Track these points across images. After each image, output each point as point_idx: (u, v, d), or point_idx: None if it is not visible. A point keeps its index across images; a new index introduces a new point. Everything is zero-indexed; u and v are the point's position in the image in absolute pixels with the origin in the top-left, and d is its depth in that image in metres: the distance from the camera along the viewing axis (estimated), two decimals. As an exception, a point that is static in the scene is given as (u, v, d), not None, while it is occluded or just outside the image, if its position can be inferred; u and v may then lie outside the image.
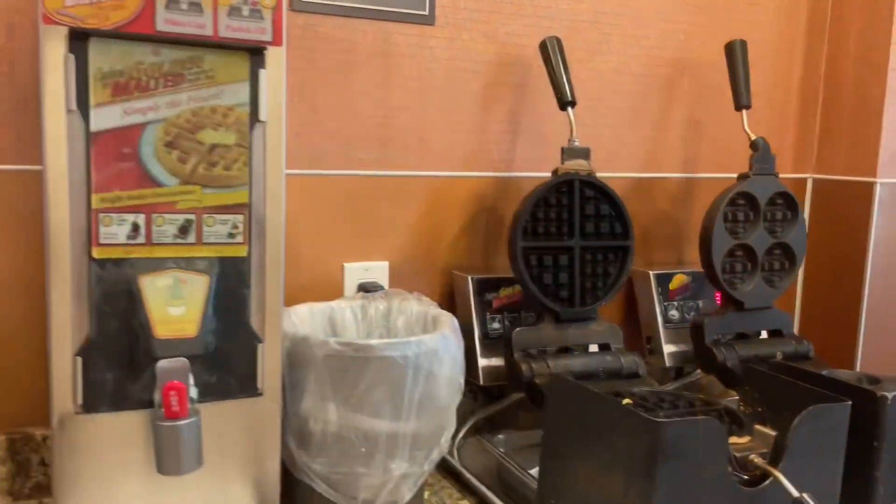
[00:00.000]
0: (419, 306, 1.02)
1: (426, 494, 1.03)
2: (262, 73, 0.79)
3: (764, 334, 1.29)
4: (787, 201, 1.26)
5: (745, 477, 0.79)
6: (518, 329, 1.07)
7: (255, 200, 0.80)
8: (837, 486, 0.85)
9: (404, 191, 1.16)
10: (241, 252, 0.80)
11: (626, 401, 0.97)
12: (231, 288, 0.80)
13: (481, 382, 1.12)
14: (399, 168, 1.15)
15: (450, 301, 1.20)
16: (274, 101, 0.80)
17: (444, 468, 1.10)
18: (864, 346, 1.43)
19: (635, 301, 1.34)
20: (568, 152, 1.10)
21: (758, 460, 0.79)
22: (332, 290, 1.12)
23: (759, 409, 0.99)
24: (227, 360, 0.80)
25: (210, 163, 0.78)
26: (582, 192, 1.10)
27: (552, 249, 1.08)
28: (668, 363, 1.28)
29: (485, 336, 1.13)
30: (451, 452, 1.10)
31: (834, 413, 0.84)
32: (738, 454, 0.79)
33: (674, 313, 1.30)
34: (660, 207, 1.38)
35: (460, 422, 1.14)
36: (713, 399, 0.99)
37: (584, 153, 1.11)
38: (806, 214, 1.51)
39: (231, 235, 0.79)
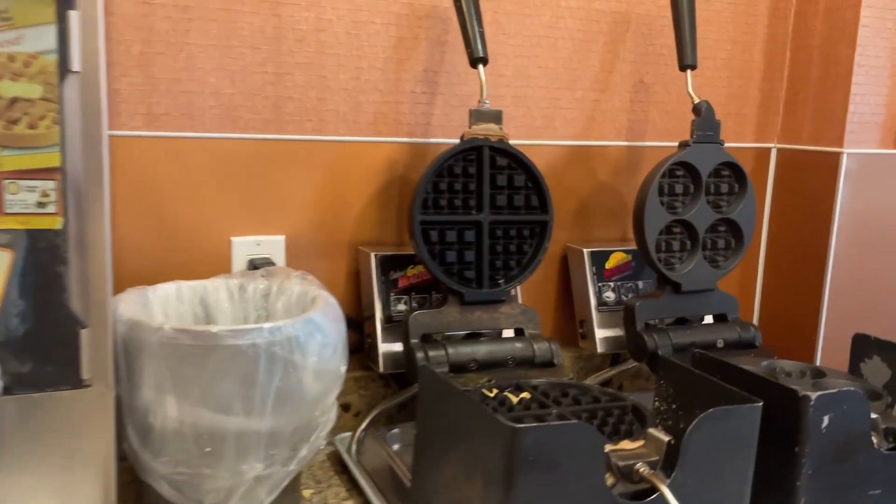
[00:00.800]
0: (301, 286, 0.91)
1: (308, 493, 0.93)
2: (73, 15, 0.67)
3: (709, 319, 1.18)
4: (735, 173, 1.14)
5: (630, 489, 0.69)
6: (417, 312, 0.97)
7: (70, 165, 0.70)
8: (745, 499, 0.75)
9: (302, 157, 1.05)
10: (55, 224, 0.70)
11: (523, 395, 0.87)
12: (43, 265, 0.70)
13: (381, 370, 1.01)
14: (295, 132, 1.04)
15: (357, 280, 1.10)
16: (88, 47, 0.68)
17: (341, 465, 1.00)
18: (826, 329, 1.31)
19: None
20: (476, 115, 0.98)
21: (644, 470, 0.69)
22: (219, 268, 1.02)
23: (674, 406, 0.88)
24: (41, 346, 0.71)
25: (10, 120, 0.67)
26: (492, 160, 0.99)
27: (456, 224, 0.97)
28: (599, 349, 1.17)
29: (388, 319, 1.03)
30: (350, 448, 1.00)
31: (741, 416, 0.73)
32: (622, 462, 0.69)
33: (609, 295, 1.19)
34: (601, 179, 1.26)
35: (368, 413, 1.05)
36: (621, 394, 0.88)
37: (495, 116, 0.99)
38: (769, 187, 1.39)
39: (41, 205, 0.69)
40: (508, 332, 1.03)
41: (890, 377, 0.99)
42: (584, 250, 1.19)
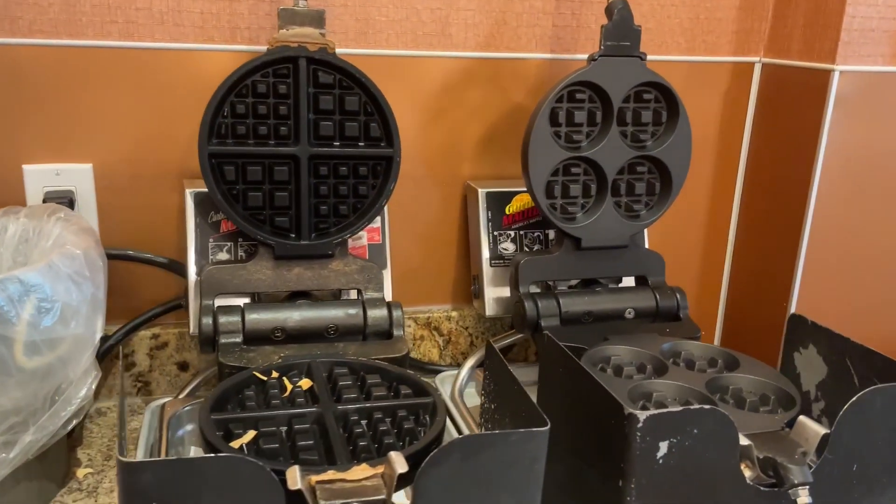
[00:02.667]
0: (62, 228, 0.75)
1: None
2: None
3: (630, 281, 0.95)
4: (663, 96, 0.88)
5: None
6: (213, 268, 0.79)
7: None
8: (523, 551, 0.55)
9: (106, 69, 0.86)
10: None
11: (301, 383, 0.69)
12: None
13: (191, 331, 0.85)
14: (95, 36, 0.85)
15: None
16: None
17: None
18: (801, 288, 1.05)
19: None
20: (287, 16, 0.76)
21: (354, 517, 0.50)
22: (10, 201, 0.86)
23: (493, 407, 0.68)
24: None
25: None
26: (314, 76, 0.77)
27: (263, 158, 0.77)
28: (489, 311, 0.96)
29: (201, 272, 0.86)
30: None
31: (508, 444, 0.52)
32: (327, 502, 0.50)
33: (508, 246, 0.97)
34: (515, 101, 1.01)
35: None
36: (428, 387, 0.68)
37: (316, 18, 0.77)
38: (750, 113, 1.10)
39: None
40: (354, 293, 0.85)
41: (826, 375, 0.75)
42: (480, 190, 0.97)
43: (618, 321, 0.89)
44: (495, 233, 0.96)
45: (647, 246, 1.00)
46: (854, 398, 0.61)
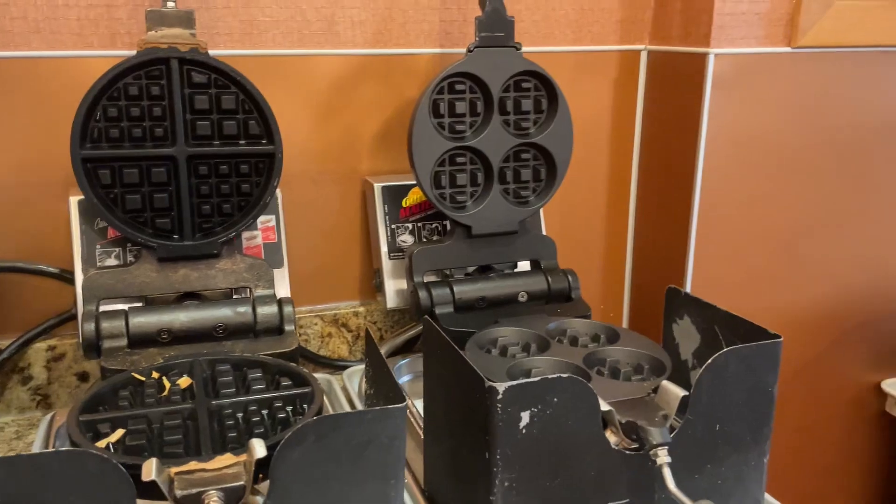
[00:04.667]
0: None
1: None
2: None
3: (526, 266, 0.98)
4: (542, 85, 0.90)
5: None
6: (94, 273, 0.79)
7: None
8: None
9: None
10: None
11: (181, 382, 0.69)
12: None
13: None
14: (-32, 48, 0.84)
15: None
16: None
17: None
18: (695, 263, 1.08)
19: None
20: (156, 18, 0.77)
21: (212, 502, 0.51)
22: None
23: (372, 392, 0.69)
24: None
25: None
26: (187, 76, 0.78)
27: (139, 160, 0.78)
28: (390, 304, 0.98)
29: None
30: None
31: (353, 424, 0.53)
32: (183, 492, 0.51)
33: (406, 238, 0.99)
34: (409, 96, 1.03)
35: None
36: (309, 378, 0.69)
37: (185, 19, 0.77)
38: (640, 99, 1.14)
39: None
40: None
41: (699, 343, 0.78)
42: (376, 184, 0.98)
43: (512, 305, 0.91)
44: (393, 226, 0.98)
45: (544, 231, 1.02)
46: (709, 360, 0.64)
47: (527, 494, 0.60)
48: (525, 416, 0.59)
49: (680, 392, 0.64)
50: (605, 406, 0.62)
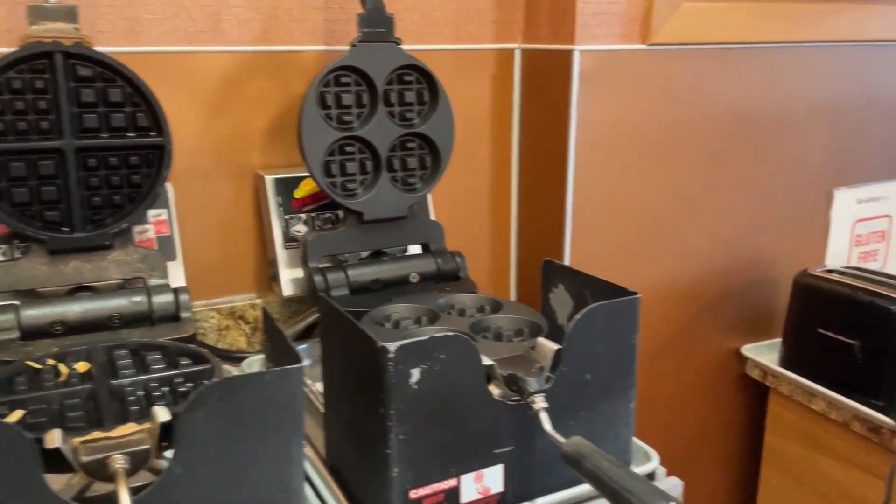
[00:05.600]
0: None
1: None
2: None
3: (417, 249, 1.03)
4: (424, 78, 0.97)
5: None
6: (-19, 266, 0.78)
7: None
8: (293, 482, 0.60)
9: None
10: None
11: (77, 366, 0.70)
12: None
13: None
14: None
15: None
16: None
17: None
18: (572, 246, 1.18)
19: (268, 214, 1.06)
20: (38, 12, 0.77)
21: (118, 465, 0.53)
22: None
23: (272, 366, 0.73)
24: None
25: None
26: (72, 70, 0.79)
27: (25, 153, 0.78)
28: (286, 292, 1.01)
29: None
30: None
31: (269, 381, 0.57)
32: (88, 458, 0.53)
33: (300, 228, 1.02)
34: (296, 91, 1.06)
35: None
36: (208, 357, 0.72)
37: (68, 13, 0.78)
38: (516, 95, 1.23)
39: None
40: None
41: (572, 308, 0.86)
42: (267, 177, 1.01)
43: (404, 286, 0.97)
44: (287, 217, 1.01)
45: (433, 216, 1.09)
46: (579, 315, 0.72)
47: (420, 446, 0.66)
48: (415, 373, 0.64)
49: (554, 346, 0.71)
50: (487, 361, 0.68)
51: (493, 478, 0.70)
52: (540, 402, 0.67)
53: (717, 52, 1.21)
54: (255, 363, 1.02)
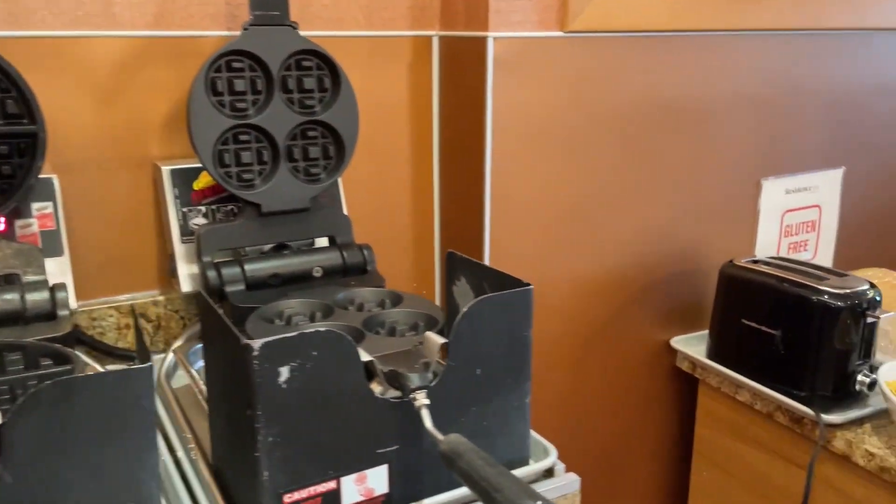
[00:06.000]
0: None
1: None
2: None
3: (324, 242, 1.00)
4: (325, 64, 0.93)
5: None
6: None
7: None
8: (147, 487, 0.57)
9: None
10: None
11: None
12: None
13: None
14: None
15: None
16: None
17: None
18: (491, 237, 1.15)
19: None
20: None
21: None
22: None
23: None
24: None
25: None
26: (-71, 53, 0.73)
27: None
28: (184, 288, 0.96)
29: None
30: None
31: (111, 383, 0.54)
32: None
33: (199, 221, 0.98)
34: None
35: None
36: (72, 355, 0.68)
37: (-77, -8, 0.73)
38: (435, 83, 1.20)
39: None
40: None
41: (473, 300, 0.83)
42: (164, 167, 0.97)
43: (307, 281, 0.93)
44: (185, 209, 0.97)
45: (345, 209, 1.05)
46: (465, 308, 0.69)
47: (293, 448, 0.62)
48: (284, 371, 0.61)
49: (440, 340, 0.69)
50: (365, 357, 0.65)
51: (376, 479, 0.67)
52: (421, 399, 0.64)
53: (638, 40, 1.20)
54: (154, 363, 0.98)
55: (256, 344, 0.59)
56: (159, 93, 1.00)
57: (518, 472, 0.74)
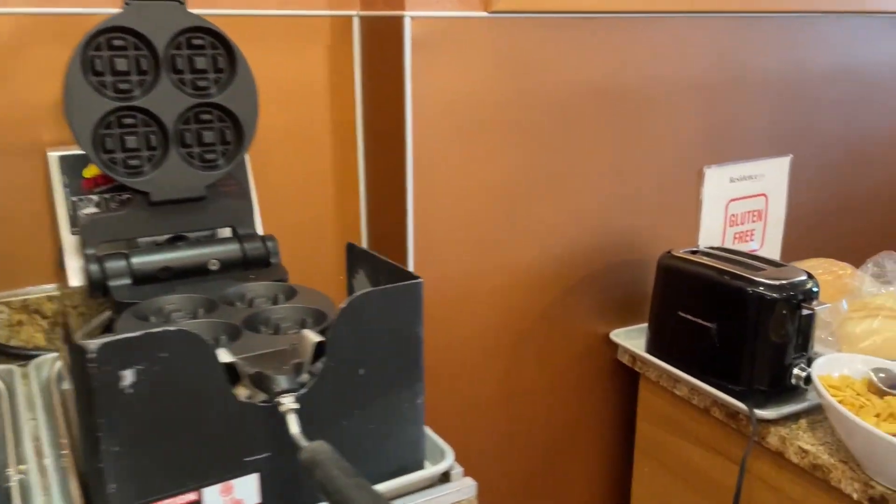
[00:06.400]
0: None
1: None
2: None
3: (228, 233, 0.94)
4: (220, 43, 0.87)
5: None
6: None
7: None
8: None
9: None
10: None
11: None
12: None
13: None
14: None
15: None
16: None
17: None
18: (415, 230, 1.10)
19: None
20: None
21: None
22: None
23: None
24: None
25: None
26: None
27: None
28: (73, 282, 0.90)
29: None
30: None
31: None
32: None
33: (91, 211, 0.91)
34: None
35: None
36: None
37: None
38: (357, 66, 1.14)
39: None
40: None
41: (372, 295, 0.78)
42: (51, 154, 0.90)
43: (204, 275, 0.87)
44: (74, 198, 0.90)
45: (254, 199, 0.99)
46: (343, 304, 0.63)
47: (143, 459, 0.57)
48: (129, 375, 0.55)
49: (315, 338, 0.63)
50: (226, 358, 0.60)
51: (245, 489, 0.62)
52: (287, 404, 0.59)
53: (568, 21, 1.15)
54: (45, 364, 0.92)
55: (93, 345, 0.53)
56: (48, 74, 0.93)
57: (411, 477, 0.69)
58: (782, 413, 1.06)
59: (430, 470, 0.70)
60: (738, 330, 1.10)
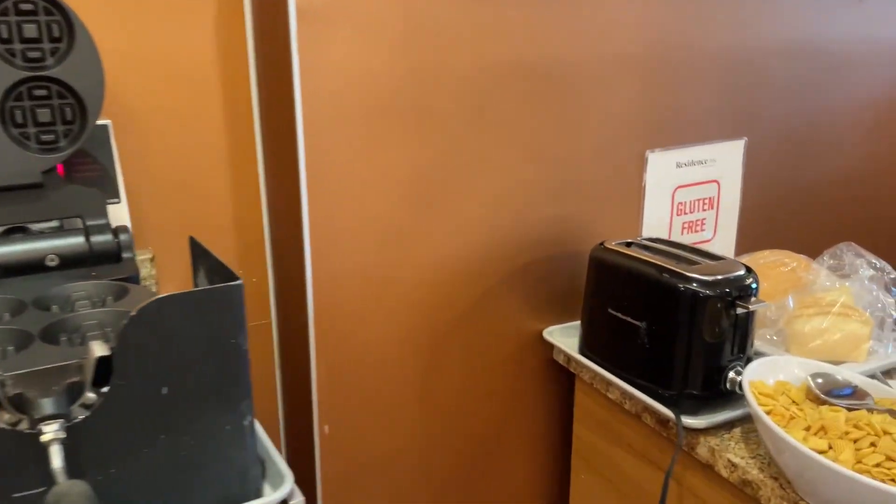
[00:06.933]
0: None
1: None
2: None
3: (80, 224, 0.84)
4: (56, 10, 0.76)
5: None
6: None
7: None
8: None
9: None
10: None
11: None
12: None
13: None
14: None
15: None
16: None
17: None
18: (310, 210, 0.99)
19: None
20: None
21: None
22: None
23: None
24: None
25: None
26: None
27: None
28: None
29: None
30: None
31: None
32: None
33: (-77, 201, 0.81)
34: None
35: None
36: None
37: None
38: (250, 42, 1.03)
39: None
40: None
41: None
42: None
43: (44, 272, 0.77)
44: None
45: (122, 189, 0.89)
46: (133, 312, 0.53)
47: None
48: None
49: (99, 351, 0.53)
50: (-23, 377, 0.50)
51: (16, 531, 0.52)
52: (50, 433, 0.49)
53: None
54: None
55: None
56: None
57: (240, 511, 0.60)
58: (713, 422, 0.96)
59: (262, 501, 0.61)
60: (668, 329, 1.00)
